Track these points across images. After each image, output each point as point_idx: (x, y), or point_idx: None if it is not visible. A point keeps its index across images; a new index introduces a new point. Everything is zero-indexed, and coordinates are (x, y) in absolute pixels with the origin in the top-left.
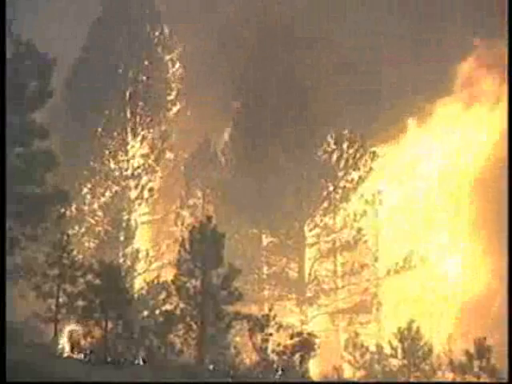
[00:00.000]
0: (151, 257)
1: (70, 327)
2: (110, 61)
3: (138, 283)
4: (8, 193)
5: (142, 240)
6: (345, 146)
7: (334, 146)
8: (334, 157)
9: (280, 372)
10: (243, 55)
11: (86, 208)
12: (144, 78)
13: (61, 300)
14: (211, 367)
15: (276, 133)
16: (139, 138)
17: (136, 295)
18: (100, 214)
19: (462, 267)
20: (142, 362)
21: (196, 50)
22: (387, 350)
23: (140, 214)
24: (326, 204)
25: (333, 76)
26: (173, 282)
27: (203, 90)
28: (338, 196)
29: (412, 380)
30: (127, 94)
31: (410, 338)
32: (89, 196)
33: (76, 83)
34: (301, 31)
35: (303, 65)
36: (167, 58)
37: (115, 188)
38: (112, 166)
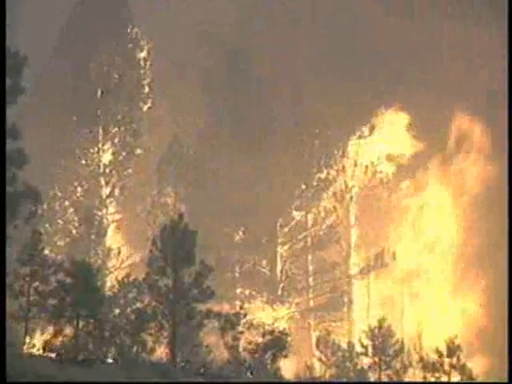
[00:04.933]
0: (123, 255)
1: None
2: (81, 58)
3: (110, 281)
4: None
5: (113, 238)
6: (317, 143)
7: (306, 145)
8: (306, 155)
9: (251, 370)
10: (218, 52)
11: (57, 206)
12: (116, 75)
13: (32, 298)
14: (183, 365)
15: (247, 132)
16: (110, 135)
17: (107, 293)
18: (71, 211)
19: None
20: (113, 361)
21: (168, 47)
22: (359, 348)
23: (111, 211)
24: (298, 202)
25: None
26: (144, 280)
27: (175, 87)
28: (310, 194)
29: (383, 378)
30: (99, 91)
31: (380, 336)
32: (60, 194)
33: (47, 81)
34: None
35: (282, 62)
36: (139, 55)
37: (86, 186)
38: (83, 162)
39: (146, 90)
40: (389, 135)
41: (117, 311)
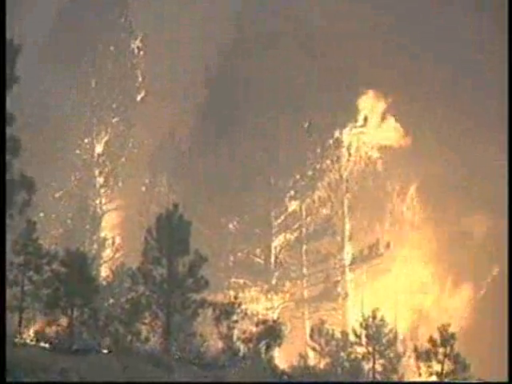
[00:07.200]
0: (117, 244)
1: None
2: (76, 47)
3: (104, 271)
4: None
5: (107, 228)
6: (315, 135)
7: (301, 135)
8: (302, 145)
9: (245, 360)
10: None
11: (51, 196)
12: (110, 66)
13: (26, 288)
14: (177, 355)
15: (242, 121)
16: (104, 125)
17: (102, 283)
18: (65, 201)
19: None
20: (107, 350)
21: (162, 38)
22: (352, 338)
23: (105, 201)
24: (292, 192)
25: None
26: (139, 269)
27: (169, 78)
28: (304, 184)
29: (377, 367)
30: (93, 80)
31: (374, 326)
32: (54, 183)
33: (42, 69)
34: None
35: (272, 57)
36: (133, 45)
37: (80, 175)
38: (77, 152)
39: (140, 79)
40: (383, 126)
41: (111, 301)
